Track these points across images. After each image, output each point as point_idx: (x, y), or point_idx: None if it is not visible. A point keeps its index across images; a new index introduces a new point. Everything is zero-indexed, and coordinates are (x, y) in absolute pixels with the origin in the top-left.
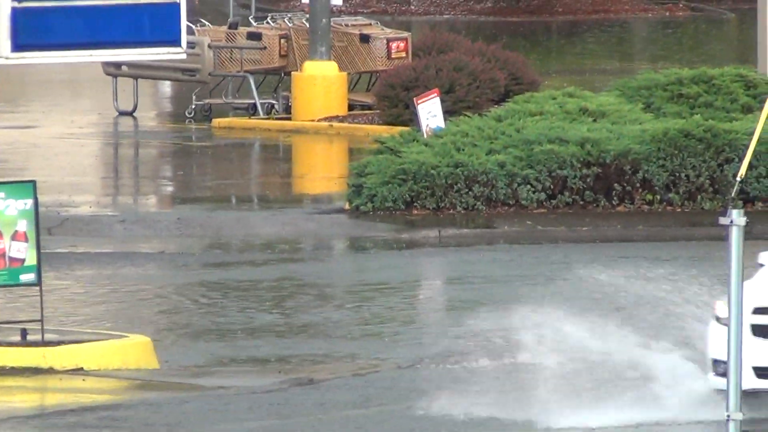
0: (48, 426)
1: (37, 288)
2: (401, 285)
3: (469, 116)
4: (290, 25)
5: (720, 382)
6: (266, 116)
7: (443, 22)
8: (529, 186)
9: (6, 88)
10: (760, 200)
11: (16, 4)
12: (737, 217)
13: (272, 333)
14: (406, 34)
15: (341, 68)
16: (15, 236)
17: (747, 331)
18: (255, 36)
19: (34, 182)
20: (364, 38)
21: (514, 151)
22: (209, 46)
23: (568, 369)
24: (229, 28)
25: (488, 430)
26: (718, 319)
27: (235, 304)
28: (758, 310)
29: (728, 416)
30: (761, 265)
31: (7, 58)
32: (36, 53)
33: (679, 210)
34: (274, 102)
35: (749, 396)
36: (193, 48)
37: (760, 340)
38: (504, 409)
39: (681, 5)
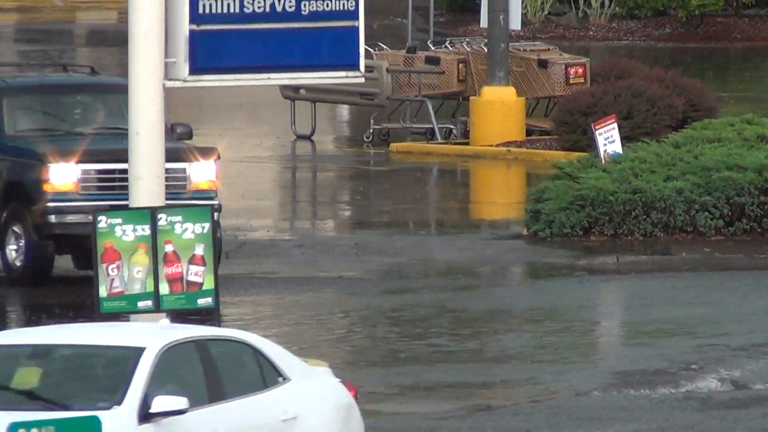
0: None
1: (215, 312)
2: (579, 311)
3: (647, 142)
4: (468, 49)
5: None
6: (444, 141)
7: (621, 48)
8: (707, 213)
9: (183, 111)
10: None
11: (194, 27)
12: None
13: (449, 359)
14: (584, 60)
15: (519, 93)
16: (192, 260)
17: None
18: (433, 60)
19: (211, 206)
20: (543, 63)
21: (692, 178)
22: (387, 70)
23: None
24: (408, 52)
25: None
26: None
27: (411, 330)
28: None
29: None
30: None
31: (185, 80)
32: (214, 76)
33: None
34: (452, 127)
35: None
36: (371, 72)
37: None
38: None
39: None
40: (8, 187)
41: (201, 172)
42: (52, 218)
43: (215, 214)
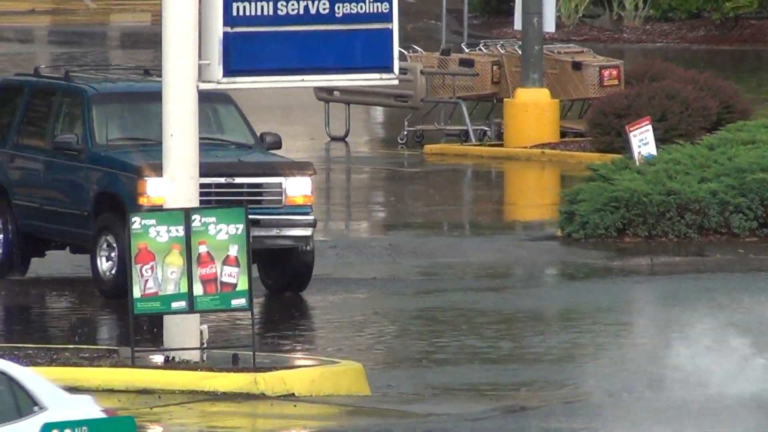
0: None
1: (248, 313)
2: (612, 312)
3: (681, 144)
4: (503, 51)
5: None
6: (478, 143)
7: (656, 50)
8: (741, 214)
9: None
10: None
11: (228, 29)
12: None
13: (482, 359)
14: (618, 62)
15: (553, 95)
16: (226, 261)
17: None
18: (467, 63)
19: (245, 207)
20: (577, 65)
21: (727, 180)
22: (422, 73)
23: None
24: (442, 54)
25: None
26: None
27: (445, 330)
28: None
29: None
30: None
31: (218, 82)
32: (247, 78)
33: None
34: (486, 128)
35: None
36: (405, 74)
37: None
38: None
39: None
40: (101, 197)
41: (297, 187)
42: None
43: (310, 230)
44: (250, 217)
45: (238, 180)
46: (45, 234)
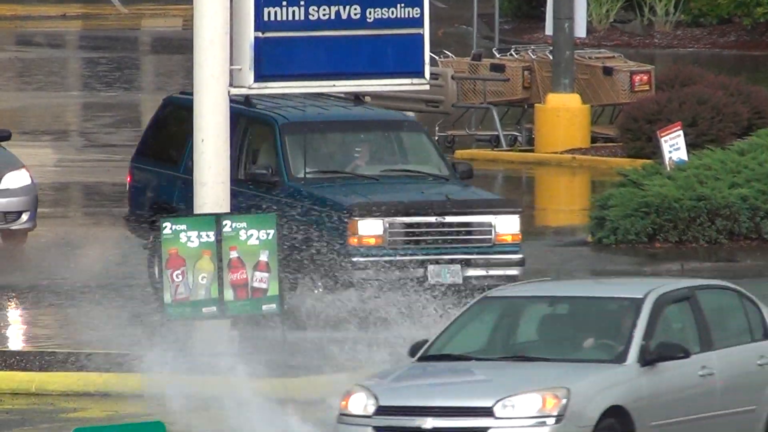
0: None
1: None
2: None
3: (711, 150)
4: (533, 57)
5: None
6: (509, 148)
7: (687, 56)
8: None
9: None
10: None
11: (259, 34)
12: None
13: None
14: (649, 67)
15: (584, 100)
16: (257, 266)
17: None
18: (498, 68)
19: (276, 213)
20: (608, 71)
21: (757, 185)
22: (452, 78)
23: None
24: (473, 59)
25: None
26: None
27: None
28: None
29: None
30: None
31: (249, 87)
32: (278, 83)
33: None
34: (517, 134)
35: None
36: (436, 79)
37: None
38: None
39: None
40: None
41: (506, 225)
42: (358, 273)
43: (519, 269)
44: (460, 257)
45: (449, 219)
46: None
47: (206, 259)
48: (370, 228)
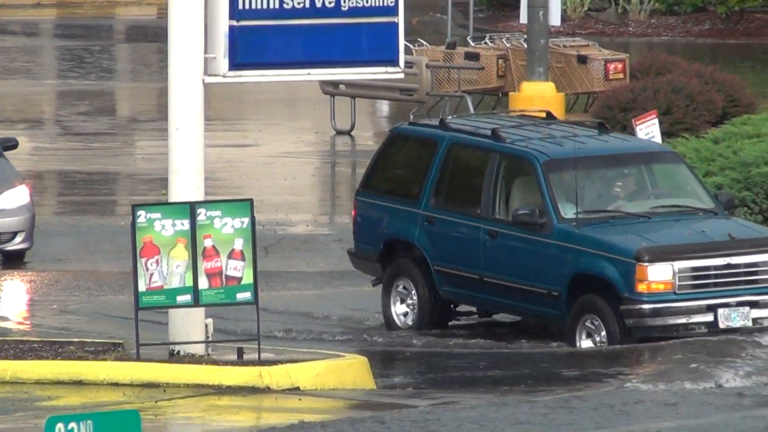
0: None
1: (254, 307)
2: None
3: (686, 138)
4: (508, 45)
5: None
6: None
7: (661, 44)
8: (746, 208)
9: (223, 106)
10: None
11: (233, 23)
12: None
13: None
14: (623, 56)
15: (559, 89)
16: (231, 255)
17: None
18: (473, 56)
19: (251, 201)
20: (582, 59)
21: (731, 173)
22: (427, 66)
23: None
24: (447, 48)
25: None
26: None
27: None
28: None
29: None
30: None
31: (224, 76)
32: (253, 72)
33: None
34: None
35: None
36: (410, 68)
37: None
38: None
39: None
40: (580, 278)
41: None
42: (650, 320)
43: None
44: (747, 298)
45: (736, 260)
46: (477, 304)
47: (180, 248)
48: (660, 273)
